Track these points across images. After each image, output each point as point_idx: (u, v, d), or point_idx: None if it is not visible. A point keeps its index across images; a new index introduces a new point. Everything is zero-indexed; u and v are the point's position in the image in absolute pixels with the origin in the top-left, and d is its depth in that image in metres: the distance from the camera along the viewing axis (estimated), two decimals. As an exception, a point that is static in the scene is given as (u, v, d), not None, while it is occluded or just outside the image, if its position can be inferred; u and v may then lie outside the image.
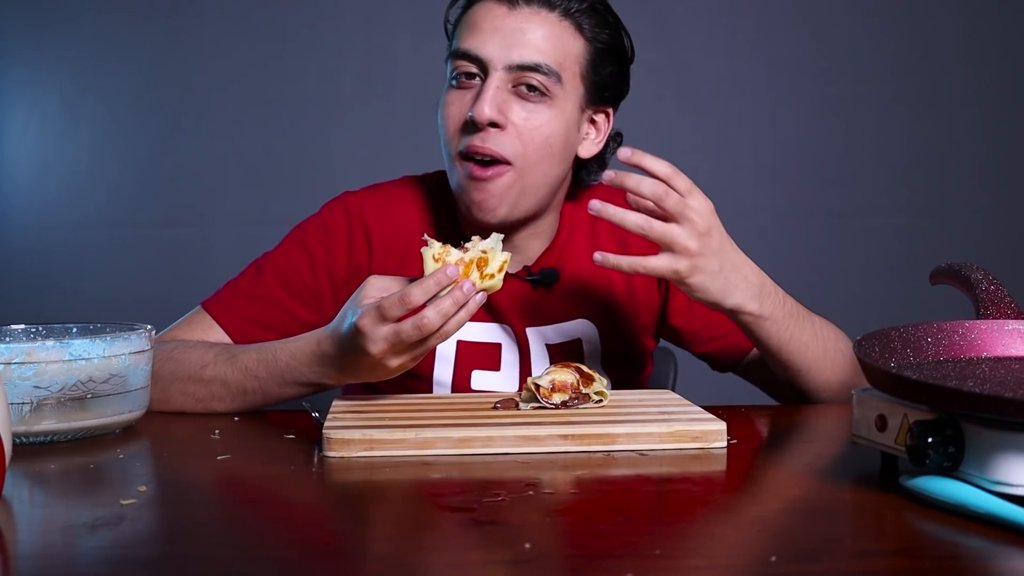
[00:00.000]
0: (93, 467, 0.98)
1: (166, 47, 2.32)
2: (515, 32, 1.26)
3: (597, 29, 1.30)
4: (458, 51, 1.28)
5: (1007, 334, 0.98)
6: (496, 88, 1.25)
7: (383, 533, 0.77)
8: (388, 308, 1.05)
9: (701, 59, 2.38)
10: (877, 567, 0.69)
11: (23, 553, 0.74)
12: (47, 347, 1.06)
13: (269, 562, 0.71)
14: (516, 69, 1.25)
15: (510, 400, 1.14)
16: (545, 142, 1.27)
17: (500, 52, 1.25)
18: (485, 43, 1.26)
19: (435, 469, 0.94)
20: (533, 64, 1.25)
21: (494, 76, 1.25)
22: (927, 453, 0.79)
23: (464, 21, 1.31)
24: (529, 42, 1.26)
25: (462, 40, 1.29)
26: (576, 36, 1.29)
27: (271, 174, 2.34)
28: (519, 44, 1.25)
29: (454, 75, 1.29)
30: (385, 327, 1.06)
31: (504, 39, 1.26)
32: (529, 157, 1.27)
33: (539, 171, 1.28)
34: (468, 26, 1.29)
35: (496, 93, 1.25)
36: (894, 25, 2.41)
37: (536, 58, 1.25)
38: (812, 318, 1.28)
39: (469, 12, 1.31)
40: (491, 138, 1.25)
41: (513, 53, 1.25)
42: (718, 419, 1.03)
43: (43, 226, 2.33)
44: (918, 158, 2.41)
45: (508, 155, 1.25)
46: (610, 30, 1.32)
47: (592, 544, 0.73)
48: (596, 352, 1.40)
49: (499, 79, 1.25)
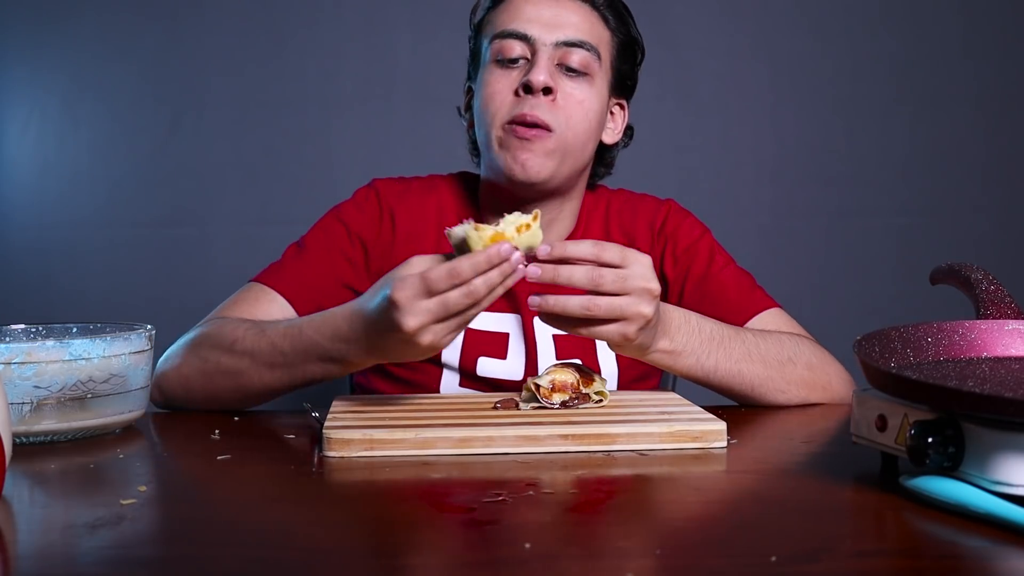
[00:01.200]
0: (93, 467, 0.98)
1: (166, 47, 2.32)
2: (557, 15, 1.36)
3: (619, 23, 1.42)
4: (504, 31, 1.36)
5: (1007, 334, 0.98)
6: (547, 60, 1.34)
7: (383, 533, 0.77)
8: (435, 280, 1.02)
9: (701, 59, 2.38)
10: (877, 567, 0.69)
11: (23, 553, 0.74)
12: (47, 347, 1.06)
13: (269, 562, 0.71)
14: (562, 46, 1.35)
15: (510, 400, 1.14)
16: (586, 115, 1.36)
17: (547, 31, 1.35)
18: (532, 23, 1.35)
19: (435, 469, 0.94)
20: (578, 40, 1.35)
21: (543, 50, 1.34)
22: (927, 453, 0.79)
23: (502, 11, 1.39)
24: (571, 23, 1.36)
25: (505, 23, 1.37)
26: (604, 27, 1.40)
27: (271, 174, 2.34)
28: (563, 25, 1.36)
29: (497, 57, 1.36)
30: (427, 300, 1.03)
31: (549, 20, 1.36)
32: (572, 127, 1.35)
33: (578, 142, 1.36)
34: (509, 11, 1.38)
35: (548, 64, 1.34)
36: (895, 25, 2.41)
37: (580, 36, 1.36)
38: (742, 336, 1.25)
39: (505, 4, 1.39)
40: (540, 106, 1.33)
41: (559, 32, 1.35)
42: (718, 419, 1.04)
43: (43, 226, 2.33)
44: (918, 158, 2.41)
45: (552, 123, 1.33)
46: (628, 27, 1.43)
47: (592, 544, 0.73)
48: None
49: (548, 53, 1.34)
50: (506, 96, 1.35)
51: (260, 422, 1.21)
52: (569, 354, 1.39)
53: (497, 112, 1.35)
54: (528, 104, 1.33)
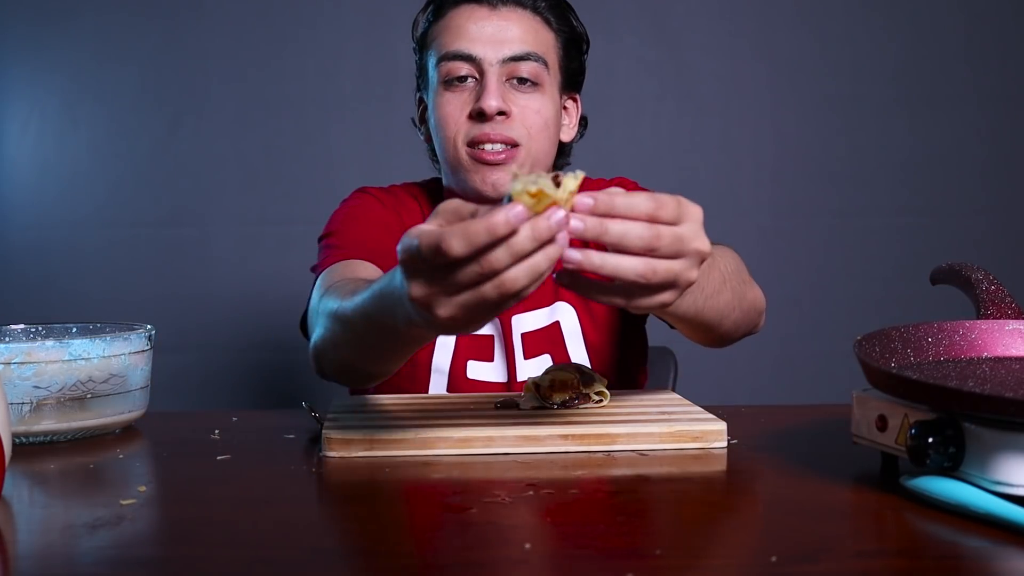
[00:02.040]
0: (93, 467, 0.98)
1: (166, 47, 2.32)
2: (500, 29, 1.36)
3: (560, 23, 1.41)
4: (448, 54, 1.36)
5: (1008, 334, 0.98)
6: (496, 81, 1.34)
7: (383, 533, 0.77)
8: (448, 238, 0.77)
9: (701, 59, 2.38)
10: (877, 567, 0.69)
11: (23, 553, 0.74)
12: (47, 347, 1.06)
13: (269, 562, 0.71)
14: (509, 61, 1.35)
15: (510, 400, 1.14)
16: (544, 124, 1.37)
17: (492, 49, 1.35)
18: (475, 42, 1.35)
19: (435, 469, 0.94)
20: (524, 53, 1.35)
21: (491, 70, 1.34)
22: (927, 453, 0.79)
23: (443, 26, 1.39)
24: (515, 37, 1.36)
25: (448, 44, 1.37)
26: (547, 29, 1.40)
27: (271, 174, 2.34)
28: (507, 40, 1.35)
29: (446, 79, 1.36)
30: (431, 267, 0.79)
31: (492, 37, 1.35)
32: (534, 138, 1.36)
33: (542, 150, 1.37)
34: (451, 30, 1.37)
35: (498, 86, 1.34)
36: (895, 25, 2.41)
37: (525, 48, 1.35)
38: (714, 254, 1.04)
39: (447, 17, 1.39)
40: (500, 126, 1.33)
41: (504, 47, 1.35)
42: (718, 419, 1.04)
43: (43, 226, 2.33)
44: (918, 158, 2.41)
45: (517, 138, 1.34)
46: (571, 23, 1.43)
47: (592, 544, 0.73)
48: (577, 335, 1.41)
49: (496, 72, 1.34)
50: (460, 118, 1.35)
51: (260, 422, 1.21)
52: (536, 351, 1.40)
53: (455, 136, 1.35)
54: (488, 126, 1.33)
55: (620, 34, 2.33)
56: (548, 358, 1.40)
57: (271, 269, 2.31)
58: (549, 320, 1.41)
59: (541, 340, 1.40)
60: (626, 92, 2.36)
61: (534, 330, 1.41)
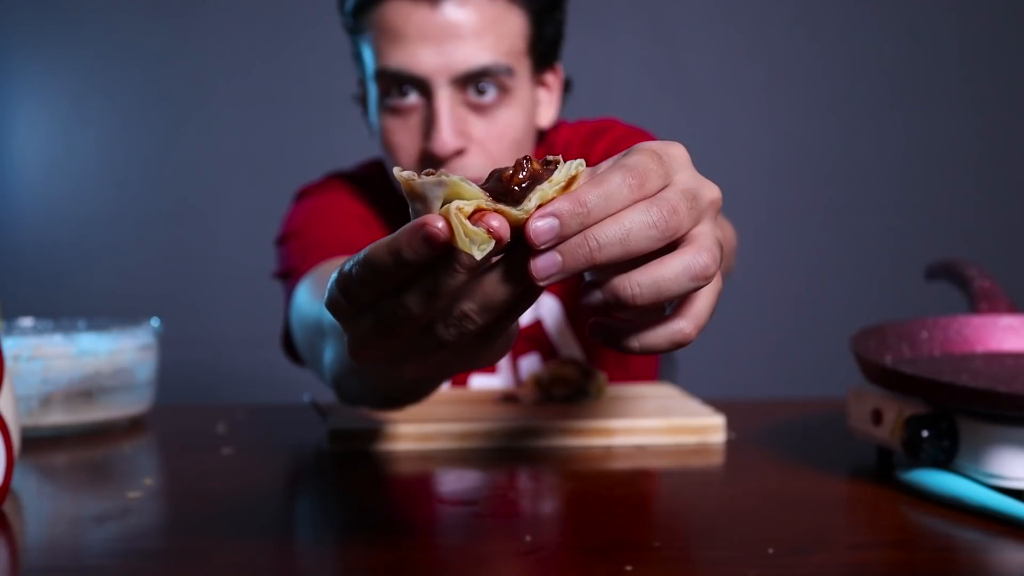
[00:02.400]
0: (100, 460, 1.00)
1: (173, 46, 2.33)
2: (447, 32, 1.05)
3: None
4: (386, 71, 1.07)
5: (1001, 329, 0.99)
6: (448, 110, 1.06)
7: (384, 527, 0.78)
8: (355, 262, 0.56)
9: (701, 59, 2.38)
10: (873, 559, 0.69)
11: (31, 545, 0.75)
12: (54, 342, 1.07)
13: (273, 554, 0.72)
14: (462, 80, 1.06)
15: (511, 395, 1.15)
16: (514, 139, 1.12)
17: (438, 62, 1.05)
18: (416, 55, 1.05)
19: (436, 463, 0.95)
20: (482, 69, 1.06)
21: (441, 95, 1.06)
22: (922, 447, 0.80)
23: (377, 23, 1.08)
24: (468, 39, 1.05)
25: (384, 55, 1.07)
26: (510, 9, 1.09)
27: (277, 171, 2.34)
28: (457, 46, 1.05)
29: (388, 105, 1.09)
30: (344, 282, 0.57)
31: (438, 44, 1.05)
32: (502, 152, 1.11)
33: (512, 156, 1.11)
34: (386, 33, 1.07)
35: (450, 116, 1.06)
36: (892, 24, 2.41)
37: (483, 59, 1.06)
38: None
39: (381, 10, 1.07)
40: (457, 163, 1.07)
41: (455, 60, 1.05)
42: (716, 413, 1.04)
43: (51, 223, 2.35)
44: (914, 156, 2.42)
45: (479, 172, 1.07)
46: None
47: (592, 537, 0.74)
48: (564, 329, 1.32)
49: (447, 98, 1.06)
50: (411, 149, 1.09)
51: (264, 417, 1.22)
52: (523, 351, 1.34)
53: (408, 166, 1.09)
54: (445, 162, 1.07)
55: (619, 33, 2.33)
56: (537, 357, 1.34)
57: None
58: (529, 319, 1.31)
59: (525, 340, 1.31)
60: (625, 91, 2.36)
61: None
